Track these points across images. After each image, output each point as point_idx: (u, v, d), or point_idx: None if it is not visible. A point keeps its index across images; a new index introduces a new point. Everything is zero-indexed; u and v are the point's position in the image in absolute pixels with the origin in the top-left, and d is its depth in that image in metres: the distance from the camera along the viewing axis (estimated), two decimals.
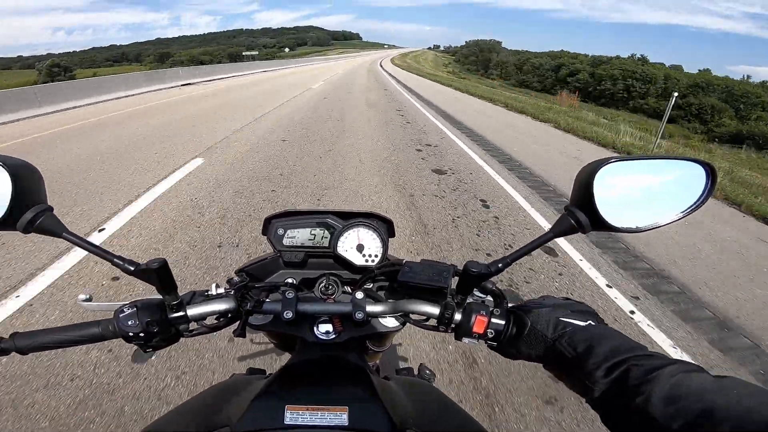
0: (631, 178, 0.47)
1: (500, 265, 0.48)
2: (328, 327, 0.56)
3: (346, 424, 0.41)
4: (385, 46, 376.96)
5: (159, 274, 0.45)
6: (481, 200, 3.83)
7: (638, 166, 0.48)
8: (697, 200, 0.46)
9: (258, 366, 0.79)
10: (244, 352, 1.72)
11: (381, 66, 38.92)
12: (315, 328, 0.55)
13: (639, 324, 2.16)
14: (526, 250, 0.48)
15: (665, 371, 0.33)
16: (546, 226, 3.29)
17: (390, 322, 0.58)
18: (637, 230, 0.47)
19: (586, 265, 2.73)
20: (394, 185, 4.02)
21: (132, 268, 0.45)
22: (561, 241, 2.97)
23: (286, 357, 0.63)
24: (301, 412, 0.42)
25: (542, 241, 0.48)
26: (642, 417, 0.32)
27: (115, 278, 2.17)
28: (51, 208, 0.44)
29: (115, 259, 0.45)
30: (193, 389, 1.52)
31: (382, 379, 0.56)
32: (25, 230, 0.43)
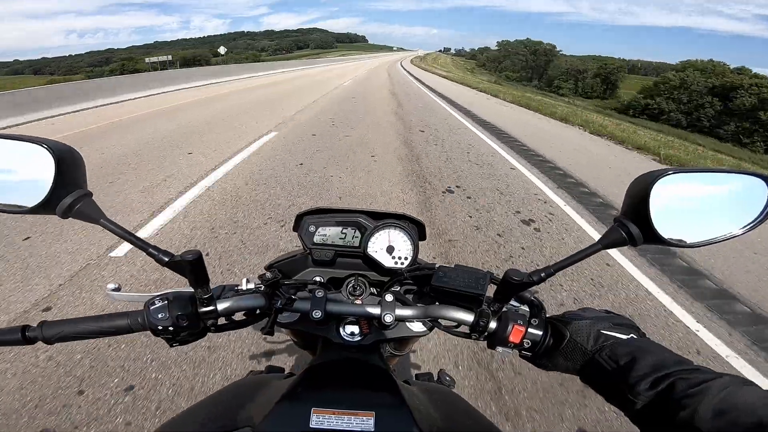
0: (686, 191, 0.47)
1: (543, 274, 0.47)
2: (355, 328, 0.57)
3: (372, 430, 0.41)
4: (394, 49, 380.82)
5: (193, 266, 0.46)
6: None
7: (695, 179, 0.48)
8: (758, 216, 0.46)
9: (273, 363, 0.77)
10: (258, 348, 1.74)
11: (408, 72, 30.87)
12: (341, 329, 0.57)
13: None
14: (570, 262, 0.48)
15: (714, 384, 0.33)
16: None
17: (416, 326, 0.59)
18: (692, 245, 0.47)
19: None
20: None
21: (166, 259, 0.46)
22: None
23: (302, 354, 0.61)
24: (327, 415, 0.42)
25: (589, 253, 0.48)
26: (688, 431, 0.32)
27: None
28: (90, 194, 0.46)
29: (150, 249, 0.46)
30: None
31: (406, 385, 0.56)
32: (64, 215, 0.44)
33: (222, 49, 37.71)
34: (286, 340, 1.70)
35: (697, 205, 0.48)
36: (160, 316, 0.46)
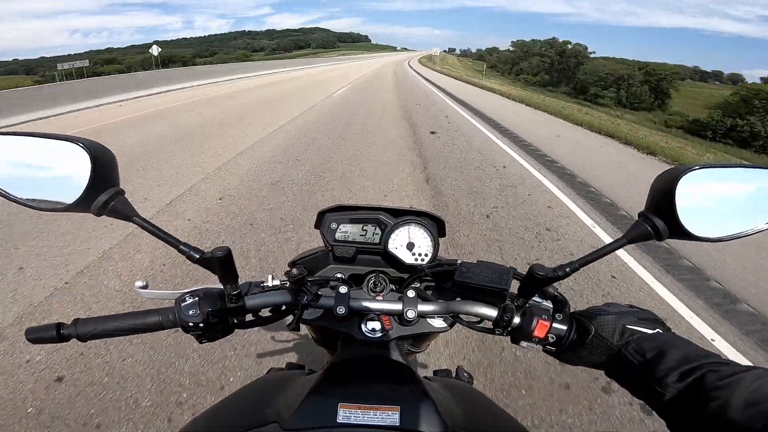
0: (712, 186, 0.48)
1: (567, 269, 0.48)
2: (376, 324, 0.58)
3: (398, 424, 0.42)
4: (398, 48, 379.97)
5: (222, 262, 0.47)
6: None
7: (721, 174, 0.48)
8: None
9: (291, 360, 0.82)
10: (274, 346, 1.80)
11: (427, 80, 23.44)
12: (363, 325, 0.58)
13: None
14: (596, 256, 0.49)
15: (747, 376, 0.34)
16: None
17: (437, 322, 0.59)
18: (719, 239, 0.47)
19: None
20: None
21: (197, 256, 0.46)
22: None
23: (320, 351, 0.74)
24: (353, 410, 0.43)
25: (614, 248, 0.48)
26: (718, 422, 0.33)
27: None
28: (123, 192, 0.47)
29: (180, 246, 0.47)
30: None
31: (427, 380, 0.57)
32: (98, 213, 0.45)
33: (154, 49, 28.24)
34: (303, 337, 1.71)
35: (723, 200, 0.49)
36: (191, 312, 0.48)
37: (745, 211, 0.48)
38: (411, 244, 0.64)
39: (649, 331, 0.45)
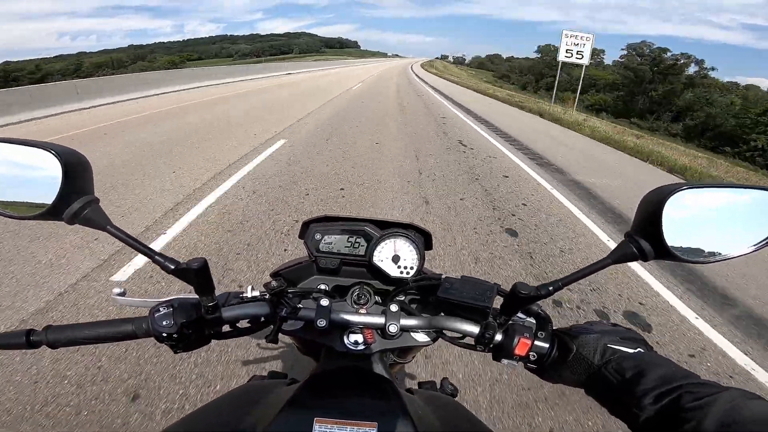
0: (699, 207, 0.48)
1: (550, 288, 0.49)
2: (359, 337, 0.58)
3: None
4: (389, 55, 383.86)
5: (198, 274, 0.48)
6: None
7: (708, 194, 0.49)
8: None
9: (274, 368, 0.85)
10: (259, 353, 1.81)
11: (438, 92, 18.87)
12: (345, 338, 0.59)
13: None
14: (580, 276, 0.50)
15: (721, 397, 0.35)
16: None
17: (420, 336, 0.60)
18: (704, 261, 0.49)
19: None
20: None
21: (172, 267, 0.47)
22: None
23: (304, 360, 0.74)
24: (329, 426, 0.44)
25: (598, 267, 0.49)
26: None
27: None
28: (97, 200, 0.47)
29: (156, 257, 0.47)
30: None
31: (409, 394, 0.58)
32: (71, 221, 0.45)
33: None
34: (288, 344, 1.68)
35: (710, 221, 0.50)
36: (164, 323, 0.48)
37: (733, 232, 0.49)
38: (396, 257, 0.65)
39: (630, 351, 0.46)
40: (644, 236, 0.47)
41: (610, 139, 10.10)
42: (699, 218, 0.49)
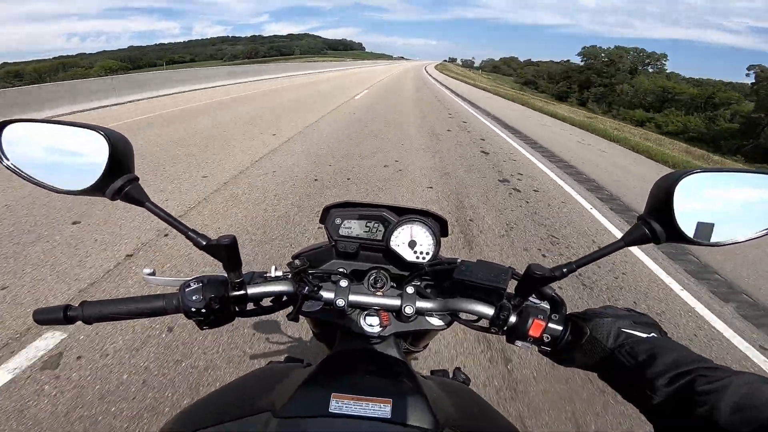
0: (710, 190, 0.50)
1: (564, 270, 0.51)
2: (375, 320, 0.61)
3: (389, 417, 0.46)
4: (394, 57, 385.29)
5: (227, 250, 0.51)
6: None
7: (719, 179, 0.51)
8: None
9: (291, 355, 0.84)
10: (278, 340, 1.92)
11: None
12: (362, 320, 0.61)
13: None
14: (594, 258, 0.52)
15: (735, 381, 0.35)
16: None
17: (435, 320, 0.62)
18: (715, 244, 0.50)
19: None
20: None
21: (204, 243, 0.51)
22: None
23: (320, 347, 0.78)
24: (346, 401, 0.46)
25: (611, 250, 0.51)
26: (705, 426, 0.34)
27: None
28: (137, 178, 0.51)
29: (189, 233, 0.51)
30: None
31: (422, 377, 0.60)
32: (113, 197, 0.49)
33: None
34: (303, 336, 1.88)
35: (721, 204, 0.51)
36: (194, 298, 0.51)
37: (742, 216, 0.50)
38: (413, 242, 0.68)
39: (644, 335, 0.47)
40: (656, 219, 0.48)
41: None
42: (710, 202, 0.50)
